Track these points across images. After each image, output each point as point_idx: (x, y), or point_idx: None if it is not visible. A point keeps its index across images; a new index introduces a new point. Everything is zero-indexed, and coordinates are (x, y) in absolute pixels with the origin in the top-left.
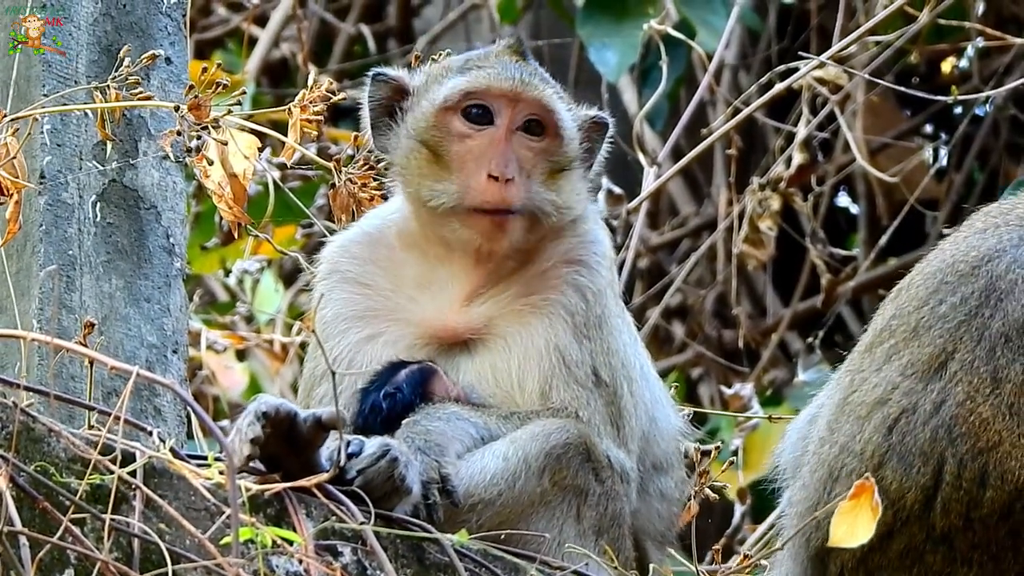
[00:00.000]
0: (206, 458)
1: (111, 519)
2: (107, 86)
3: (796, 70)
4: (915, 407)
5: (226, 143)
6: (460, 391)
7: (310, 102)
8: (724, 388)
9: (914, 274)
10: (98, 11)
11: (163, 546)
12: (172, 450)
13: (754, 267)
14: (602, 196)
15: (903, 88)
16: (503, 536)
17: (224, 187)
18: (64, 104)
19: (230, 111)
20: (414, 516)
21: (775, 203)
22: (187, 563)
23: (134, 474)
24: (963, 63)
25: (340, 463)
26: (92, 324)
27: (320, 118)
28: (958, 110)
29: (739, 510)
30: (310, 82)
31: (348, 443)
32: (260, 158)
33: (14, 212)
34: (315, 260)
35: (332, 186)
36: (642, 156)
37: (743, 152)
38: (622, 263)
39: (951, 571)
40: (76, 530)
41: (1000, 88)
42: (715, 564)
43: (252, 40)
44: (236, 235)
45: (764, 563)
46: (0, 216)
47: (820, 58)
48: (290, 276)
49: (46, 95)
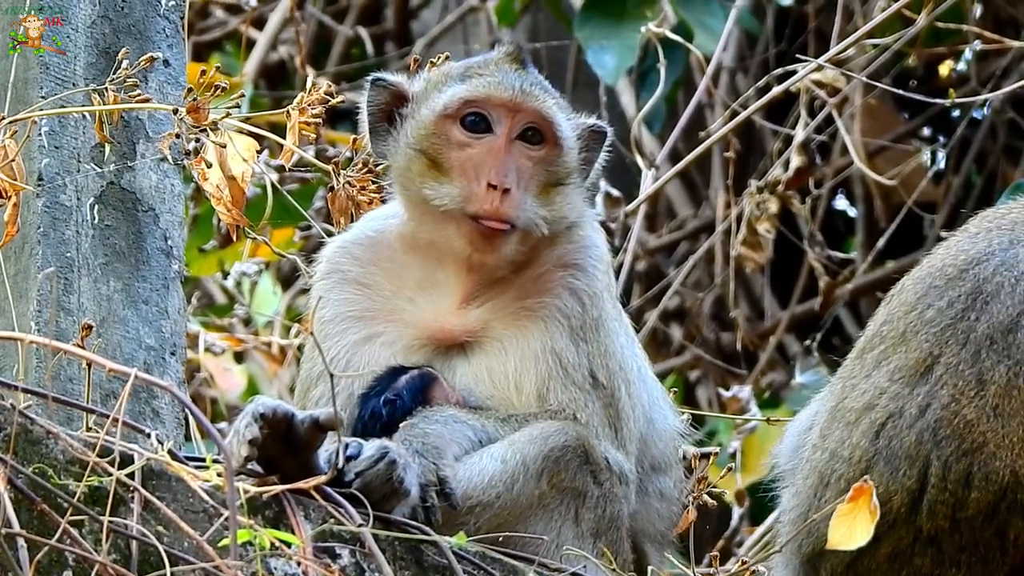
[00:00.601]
0: (204, 460)
1: (109, 521)
2: (105, 88)
3: (794, 73)
4: (901, 411)
5: (224, 146)
6: (459, 397)
7: (308, 105)
8: (722, 390)
9: (906, 279)
10: (96, 13)
11: (161, 548)
12: (170, 452)
13: (752, 270)
14: (600, 199)
15: (901, 91)
16: (501, 538)
17: (222, 190)
18: (62, 106)
19: (228, 114)
20: (412, 518)
21: (773, 206)
22: (185, 565)
23: (132, 476)
24: (961, 66)
25: (338, 465)
26: (90, 326)
27: (318, 121)
28: (956, 113)
29: (737, 512)
30: (308, 85)
31: (346, 445)
32: (258, 160)
33: (12, 214)
34: (313, 262)
35: (330, 189)
36: (640, 159)
37: (741, 155)
38: (620, 265)
39: (939, 573)
40: (74, 532)
41: (998, 91)
42: (713, 568)
43: (250, 43)
44: (234, 237)
45: (761, 568)
46: None
47: (818, 61)
48: (288, 278)
49: (44, 97)
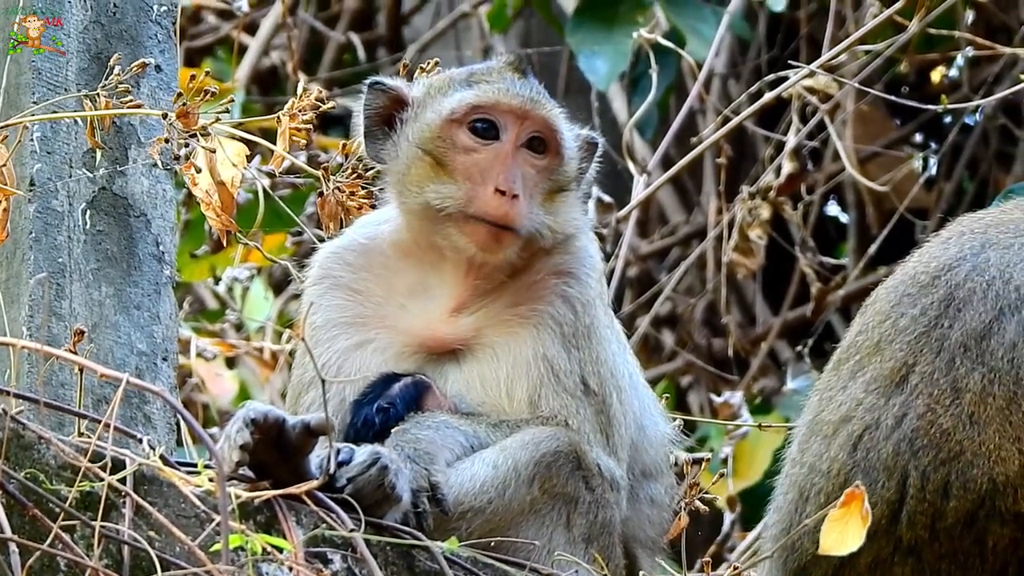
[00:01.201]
0: (196, 465)
1: (101, 526)
2: (97, 94)
3: (786, 79)
4: (878, 422)
5: (214, 151)
6: (451, 404)
7: (299, 111)
8: (714, 396)
9: (879, 289)
10: (88, 18)
11: (153, 553)
12: (162, 457)
13: (744, 276)
14: (592, 205)
15: (893, 97)
16: (493, 543)
17: (212, 195)
18: (54, 112)
19: (218, 119)
20: (404, 524)
21: (765, 212)
22: (177, 570)
23: (124, 481)
24: (953, 72)
25: (330, 470)
26: (82, 331)
27: (309, 127)
28: (948, 119)
29: (728, 518)
30: (299, 91)
31: (338, 451)
32: (249, 166)
33: (3, 220)
34: (305, 268)
35: (320, 194)
36: (632, 165)
37: (733, 161)
38: (612, 271)
39: None
40: (66, 537)
41: (990, 97)
42: (705, 573)
43: (242, 48)
44: (225, 243)
45: (752, 573)
46: None
47: (810, 67)
48: (280, 284)
49: (36, 103)
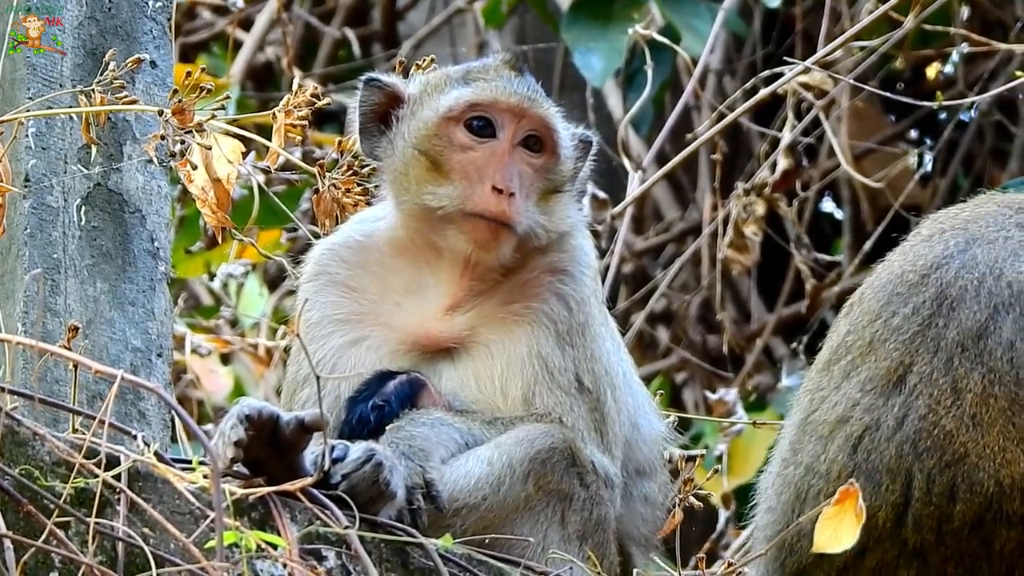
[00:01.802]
0: (190, 462)
1: (95, 523)
2: (92, 90)
3: (781, 75)
4: (878, 423)
5: (210, 148)
6: (446, 402)
7: (295, 107)
8: (708, 393)
9: (864, 288)
10: (83, 14)
11: (147, 550)
12: (156, 454)
13: (739, 272)
14: (587, 201)
15: (888, 93)
16: (487, 540)
17: (208, 192)
18: (49, 107)
19: (214, 116)
20: (398, 520)
21: (760, 208)
22: (171, 567)
23: (119, 478)
24: (948, 68)
25: (324, 467)
26: (76, 328)
27: (305, 123)
28: (943, 115)
29: (723, 515)
30: (295, 86)
31: (332, 448)
32: (244, 162)
33: None
34: (300, 264)
35: (316, 190)
36: (627, 161)
37: (728, 157)
38: (607, 268)
39: None
40: (60, 533)
41: (985, 94)
42: (699, 570)
43: (237, 44)
44: (220, 239)
45: (747, 570)
46: None
47: (805, 63)
48: (275, 280)
49: (31, 98)
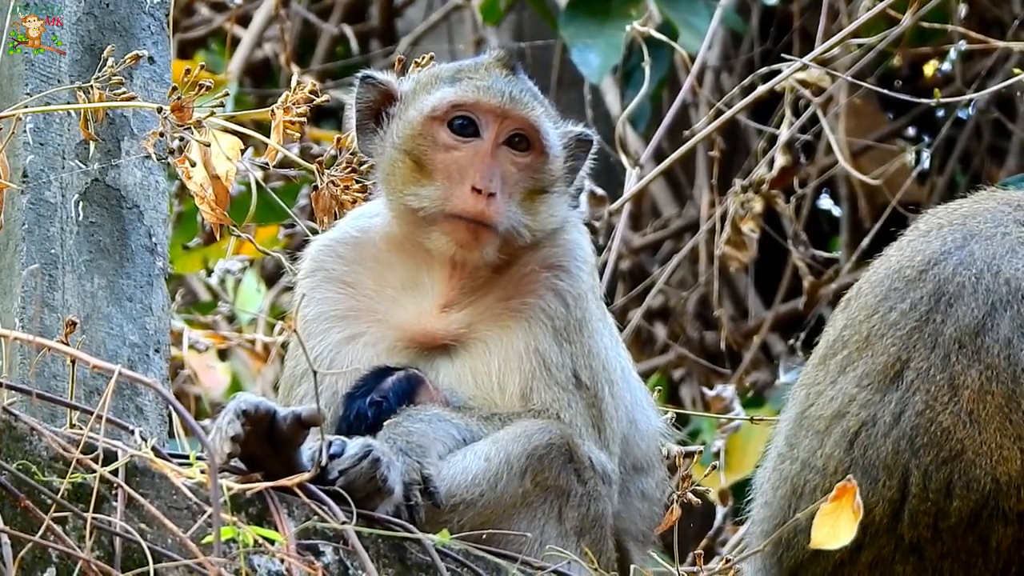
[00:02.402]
0: (188, 457)
1: (93, 518)
2: (90, 86)
3: (779, 72)
4: (874, 419)
5: (208, 144)
6: (443, 398)
7: (293, 104)
8: (706, 389)
9: (861, 283)
10: (81, 10)
11: (145, 545)
12: (154, 449)
13: (736, 269)
14: (584, 198)
15: (886, 91)
16: (485, 536)
17: (206, 188)
18: (47, 103)
19: (212, 112)
20: (396, 516)
21: (757, 205)
22: (169, 562)
23: (116, 473)
24: (946, 66)
25: (322, 463)
26: (74, 323)
27: (303, 119)
28: (941, 113)
29: (721, 511)
30: (293, 83)
31: (330, 443)
32: (243, 158)
33: None
34: (297, 260)
35: (314, 187)
36: (624, 158)
37: (725, 154)
38: (604, 264)
39: None
40: (58, 529)
41: (983, 91)
42: (697, 566)
43: (235, 40)
44: (218, 235)
45: (744, 566)
46: None
47: (803, 60)
48: (272, 276)
49: (29, 94)
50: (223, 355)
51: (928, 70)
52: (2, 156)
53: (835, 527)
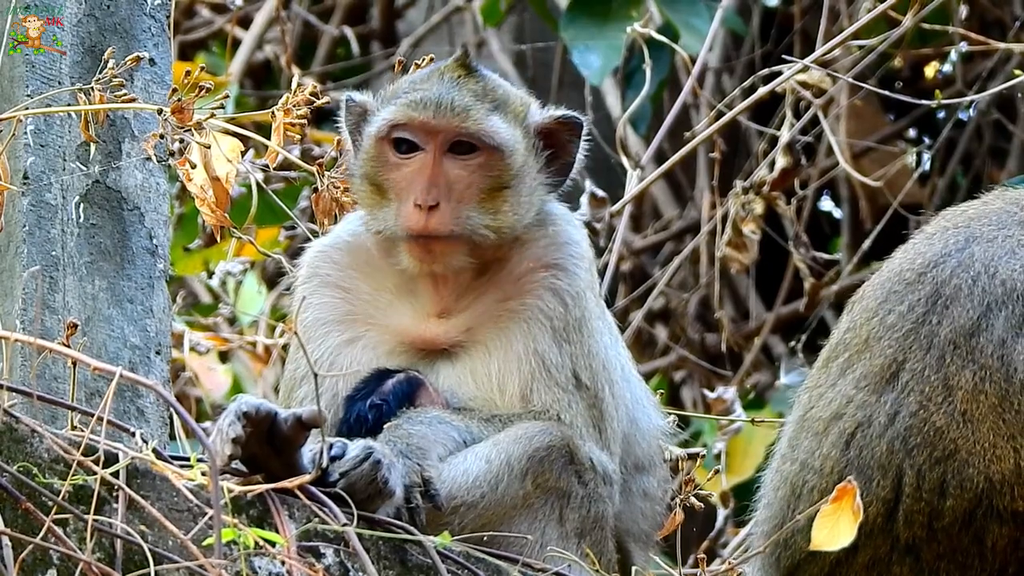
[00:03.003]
0: (189, 459)
1: (94, 520)
2: (91, 87)
3: (779, 74)
4: (870, 420)
5: (209, 146)
6: (443, 400)
7: (293, 106)
8: (707, 391)
9: (866, 285)
10: (82, 12)
11: (146, 547)
12: (155, 451)
13: (737, 271)
14: (585, 199)
15: (886, 92)
16: (486, 538)
17: (206, 190)
18: (48, 105)
19: (213, 114)
20: (397, 518)
21: (758, 207)
22: (170, 564)
23: (117, 475)
24: (946, 67)
25: (323, 465)
26: (75, 325)
27: (303, 121)
28: (941, 114)
29: (722, 514)
30: (294, 85)
31: (331, 445)
32: (243, 160)
33: None
34: (297, 263)
35: (315, 189)
36: (625, 159)
37: (726, 156)
38: (605, 266)
39: None
40: (59, 530)
41: (983, 92)
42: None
43: (236, 42)
44: (219, 237)
45: (746, 568)
46: None
47: (804, 62)
48: (273, 278)
49: (30, 96)
50: (224, 357)
51: (929, 71)
52: (3, 158)
53: (835, 529)
